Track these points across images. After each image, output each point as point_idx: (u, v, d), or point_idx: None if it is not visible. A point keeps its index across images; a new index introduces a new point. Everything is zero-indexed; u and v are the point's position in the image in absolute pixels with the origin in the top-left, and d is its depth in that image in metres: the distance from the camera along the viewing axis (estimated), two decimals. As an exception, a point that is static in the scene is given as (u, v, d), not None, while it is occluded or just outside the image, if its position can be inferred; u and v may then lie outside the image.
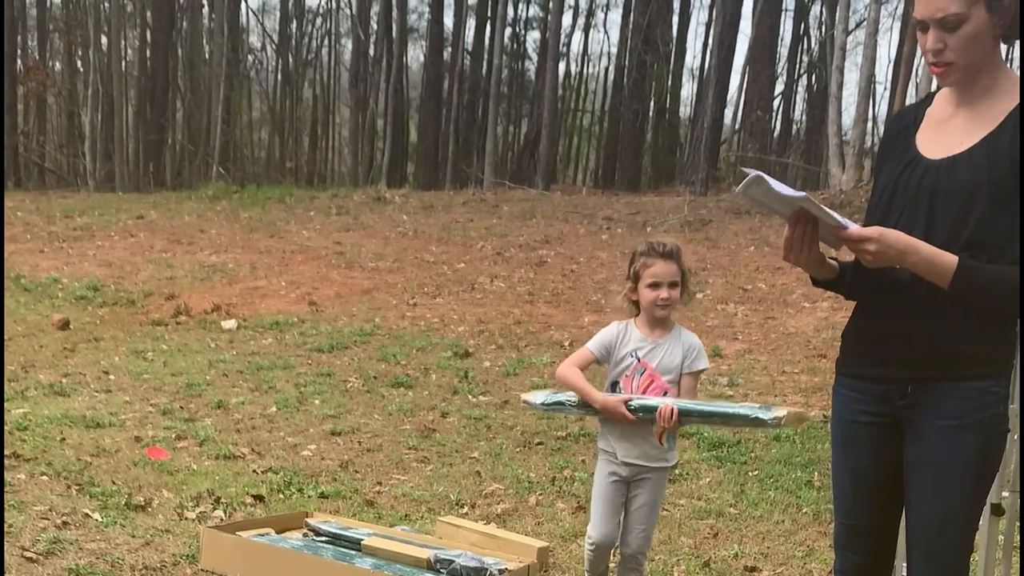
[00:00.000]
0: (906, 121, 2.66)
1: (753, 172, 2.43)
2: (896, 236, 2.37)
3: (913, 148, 2.56)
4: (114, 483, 5.34)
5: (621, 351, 3.55)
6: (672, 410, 3.33)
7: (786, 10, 26.06)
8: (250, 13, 35.93)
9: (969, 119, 2.49)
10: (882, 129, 26.32)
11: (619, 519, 3.63)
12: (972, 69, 2.45)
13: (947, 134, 2.52)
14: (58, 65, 30.43)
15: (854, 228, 2.41)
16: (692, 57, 47.62)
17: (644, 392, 3.50)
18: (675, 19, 27.77)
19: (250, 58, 33.99)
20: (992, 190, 2.38)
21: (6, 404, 6.63)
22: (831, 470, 2.78)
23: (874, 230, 2.38)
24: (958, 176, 2.44)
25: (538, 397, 3.65)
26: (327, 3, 34.97)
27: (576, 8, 32.43)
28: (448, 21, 29.17)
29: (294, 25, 33.29)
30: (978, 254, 2.37)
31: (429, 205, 17.28)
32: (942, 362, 2.46)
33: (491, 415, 7.04)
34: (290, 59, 32.88)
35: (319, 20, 34.64)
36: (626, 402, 3.44)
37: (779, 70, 26.26)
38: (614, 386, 3.57)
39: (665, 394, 3.47)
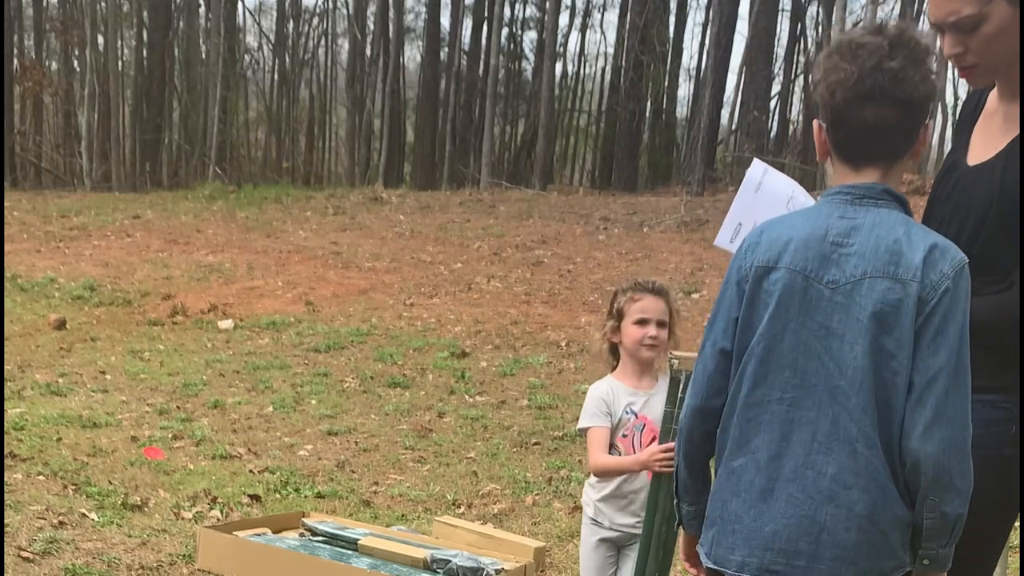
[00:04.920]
0: (970, 107, 2.42)
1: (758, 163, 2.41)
2: None
3: (961, 147, 2.35)
4: (111, 483, 5.34)
5: (617, 408, 3.14)
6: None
7: (783, 10, 26.09)
8: (247, 13, 35.96)
9: (1007, 118, 2.26)
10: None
11: None
12: (1003, 68, 2.22)
13: (988, 135, 2.30)
14: (54, 65, 30.38)
15: None
16: (689, 57, 47.66)
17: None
18: (672, 19, 27.80)
19: (247, 58, 33.97)
20: (1001, 206, 2.15)
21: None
22: None
23: None
24: (981, 186, 2.21)
25: None
26: (323, 3, 35.00)
27: (573, 8, 32.45)
28: (445, 21, 29.20)
29: (291, 25, 33.27)
30: (982, 280, 2.06)
31: (426, 205, 17.28)
32: None
33: (488, 415, 7.05)
34: (287, 59, 32.85)
35: (315, 20, 34.66)
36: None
37: (776, 70, 26.28)
38: (610, 448, 3.15)
39: None
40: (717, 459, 2.03)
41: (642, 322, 3.12)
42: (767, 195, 2.40)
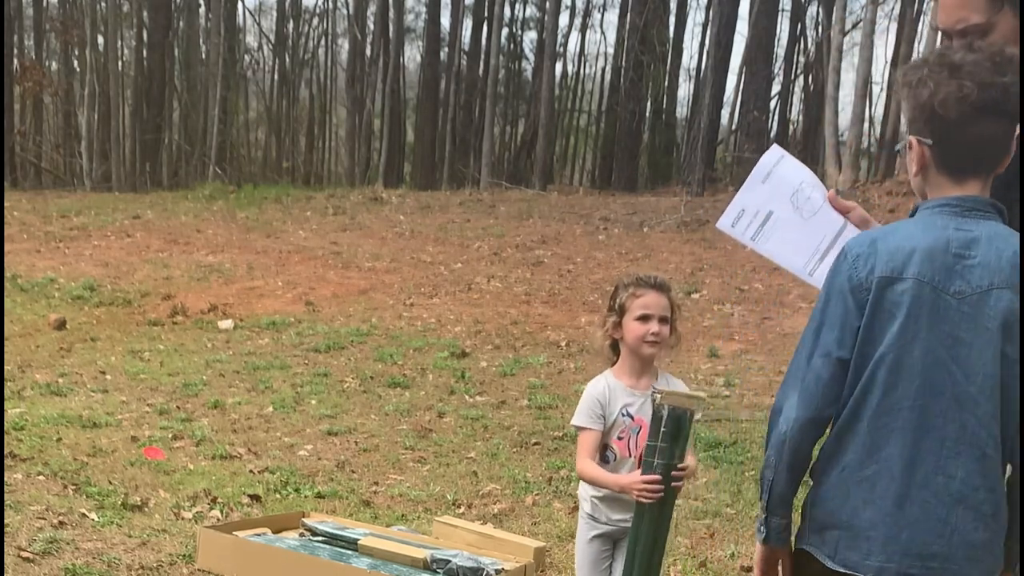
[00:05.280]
0: None
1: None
2: None
3: None
4: (111, 483, 5.34)
5: (612, 409, 3.11)
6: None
7: (783, 11, 26.10)
8: (247, 13, 35.98)
9: None
10: (878, 130, 26.41)
11: None
12: None
13: None
14: (55, 65, 30.40)
15: None
16: (689, 57, 47.74)
17: (642, 455, 2.99)
18: (672, 20, 27.81)
19: (247, 58, 33.99)
20: None
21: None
22: None
23: None
24: None
25: None
26: (324, 3, 35.03)
27: (573, 8, 32.47)
28: (445, 21, 29.21)
29: (291, 25, 33.28)
30: None
31: (426, 205, 17.29)
32: None
33: (488, 415, 7.05)
34: (287, 59, 32.86)
35: (316, 20, 34.69)
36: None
37: (776, 70, 26.29)
38: (605, 449, 3.12)
39: None
40: (829, 466, 2.04)
41: (644, 318, 3.09)
42: (774, 185, 2.41)
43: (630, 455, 3.10)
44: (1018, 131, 2.00)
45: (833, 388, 1.99)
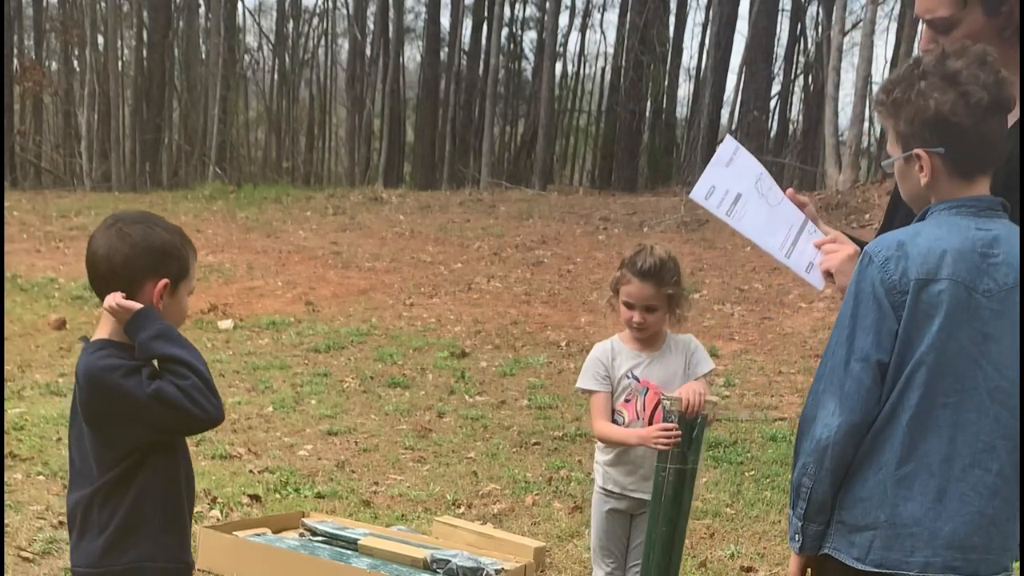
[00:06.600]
0: None
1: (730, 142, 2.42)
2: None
3: None
4: (110, 483, 5.33)
5: (616, 372, 3.14)
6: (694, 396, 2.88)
7: (783, 10, 26.09)
8: (246, 13, 35.99)
9: None
10: (878, 130, 26.41)
11: (623, 558, 3.29)
12: None
13: None
14: (54, 65, 30.40)
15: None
16: (689, 57, 47.63)
17: (650, 416, 3.08)
18: (672, 19, 27.80)
19: (246, 58, 34.00)
20: None
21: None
22: None
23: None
24: None
25: None
26: (323, 3, 35.04)
27: (573, 8, 32.48)
28: (445, 21, 29.22)
29: (290, 25, 33.30)
30: None
31: (426, 205, 17.28)
32: None
33: (488, 415, 7.05)
34: (286, 59, 32.87)
35: (315, 20, 34.71)
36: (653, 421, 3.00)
37: (776, 70, 26.28)
38: (612, 414, 3.16)
39: None
40: (864, 468, 2.04)
41: (628, 305, 3.13)
42: (737, 170, 2.43)
43: (638, 418, 3.10)
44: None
45: (875, 392, 2.01)
